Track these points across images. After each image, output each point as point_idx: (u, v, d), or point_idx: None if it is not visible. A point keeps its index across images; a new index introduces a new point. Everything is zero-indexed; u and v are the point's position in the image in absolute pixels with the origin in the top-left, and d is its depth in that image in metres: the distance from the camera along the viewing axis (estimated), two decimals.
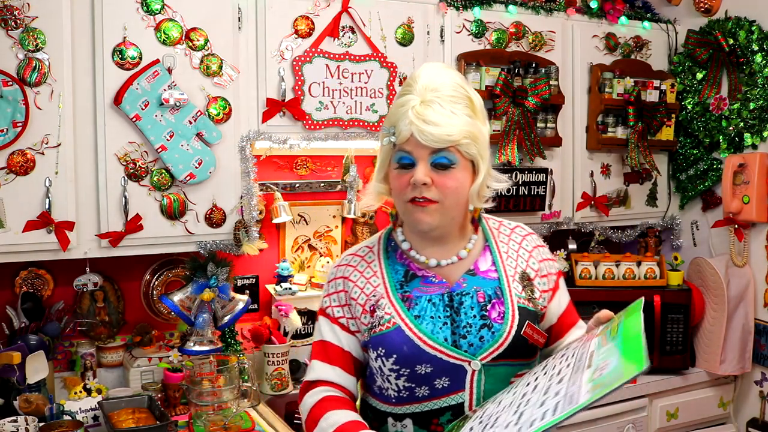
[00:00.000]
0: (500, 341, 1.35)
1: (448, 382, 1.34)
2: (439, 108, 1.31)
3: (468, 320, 1.36)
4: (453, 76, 1.37)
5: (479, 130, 1.37)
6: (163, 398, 2.38)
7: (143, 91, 2.23)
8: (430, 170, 1.33)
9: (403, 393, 1.37)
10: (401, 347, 1.34)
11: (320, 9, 2.51)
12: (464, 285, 1.41)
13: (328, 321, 1.46)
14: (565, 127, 3.03)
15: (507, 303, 1.40)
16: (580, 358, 1.15)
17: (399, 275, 1.43)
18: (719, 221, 3.09)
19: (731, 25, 3.02)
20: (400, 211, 1.42)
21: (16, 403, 2.18)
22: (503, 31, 2.87)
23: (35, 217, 2.13)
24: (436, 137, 1.30)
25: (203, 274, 2.36)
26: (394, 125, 1.35)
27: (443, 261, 1.43)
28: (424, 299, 1.39)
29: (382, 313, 1.38)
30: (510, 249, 1.49)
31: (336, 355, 1.43)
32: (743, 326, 2.96)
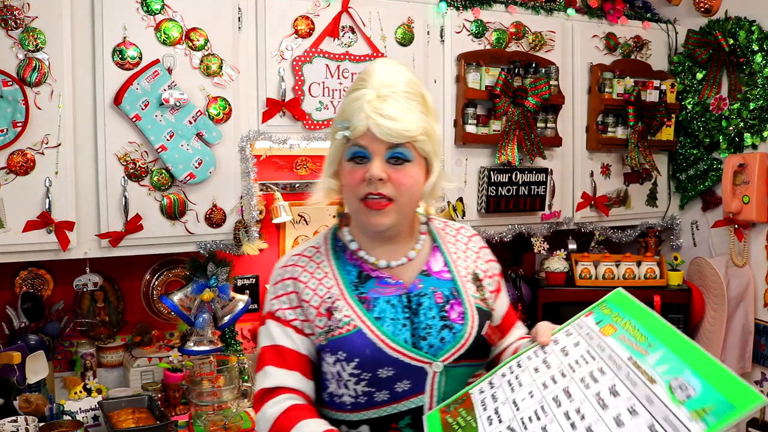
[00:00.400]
0: (462, 342, 1.33)
1: (408, 385, 1.30)
2: (395, 103, 1.28)
3: (428, 321, 1.33)
4: (407, 73, 1.34)
5: (433, 128, 1.35)
6: (163, 398, 2.38)
7: (143, 91, 2.23)
8: (386, 166, 1.29)
9: (360, 399, 1.31)
10: (363, 350, 1.28)
11: (320, 9, 2.51)
12: (421, 286, 1.38)
13: (279, 324, 1.36)
14: (565, 127, 3.04)
15: (465, 303, 1.38)
16: (617, 364, 1.13)
17: (352, 276, 1.38)
18: (719, 221, 3.09)
19: (731, 25, 3.02)
20: (352, 209, 1.38)
21: (16, 403, 2.18)
22: (503, 31, 2.87)
23: (35, 217, 2.13)
24: (393, 132, 1.27)
25: (203, 274, 2.37)
26: (347, 119, 1.30)
27: (393, 262, 1.39)
28: (383, 300, 1.34)
29: (341, 315, 1.31)
30: (458, 250, 1.48)
31: (293, 359, 1.34)
32: (743, 326, 2.96)
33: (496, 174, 2.84)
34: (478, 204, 2.88)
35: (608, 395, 1.10)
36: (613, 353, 1.16)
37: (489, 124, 2.83)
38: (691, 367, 1.05)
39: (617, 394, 1.09)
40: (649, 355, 1.11)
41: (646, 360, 1.10)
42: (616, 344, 1.18)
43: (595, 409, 1.10)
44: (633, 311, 1.25)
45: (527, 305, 3.11)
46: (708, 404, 0.99)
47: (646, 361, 1.10)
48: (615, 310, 1.27)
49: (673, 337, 1.13)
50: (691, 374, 1.04)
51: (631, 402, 1.07)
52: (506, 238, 2.93)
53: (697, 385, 1.02)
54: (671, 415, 1.01)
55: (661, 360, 1.09)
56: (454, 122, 2.80)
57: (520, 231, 2.97)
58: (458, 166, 2.82)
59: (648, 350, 1.12)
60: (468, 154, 2.84)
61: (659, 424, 1.01)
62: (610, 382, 1.12)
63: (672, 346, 1.10)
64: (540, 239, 3.03)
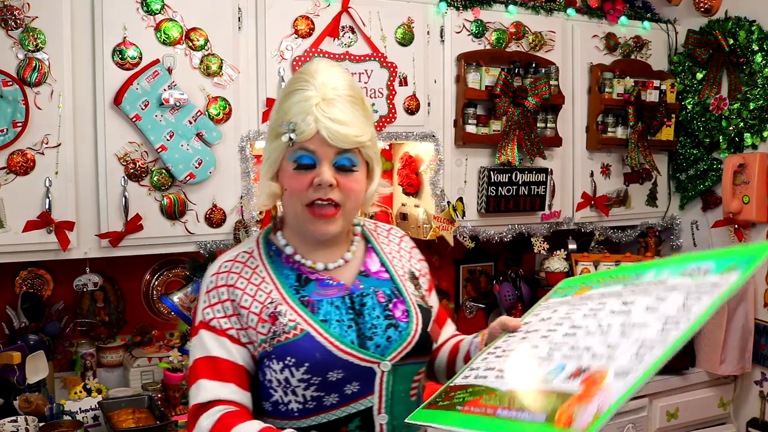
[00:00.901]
0: (408, 339, 1.32)
1: (357, 386, 1.28)
2: (342, 107, 1.25)
3: (372, 321, 1.32)
4: (347, 75, 1.32)
5: (374, 133, 1.34)
6: (163, 398, 2.38)
7: (143, 91, 2.23)
8: (333, 171, 1.27)
9: (309, 404, 1.27)
10: (313, 354, 1.24)
11: (320, 9, 2.51)
12: (362, 286, 1.36)
13: (213, 334, 1.30)
14: (565, 127, 3.04)
15: (407, 301, 1.37)
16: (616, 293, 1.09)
17: (291, 280, 1.34)
18: (719, 221, 3.09)
19: (731, 25, 3.02)
20: (294, 215, 1.34)
21: (16, 403, 2.18)
22: (503, 31, 2.87)
23: (35, 217, 2.13)
24: (345, 137, 1.24)
25: (203, 274, 2.35)
26: (292, 122, 1.25)
27: (330, 264, 1.37)
28: (326, 302, 1.31)
29: (286, 320, 1.27)
30: (392, 250, 1.47)
31: (228, 371, 1.28)
32: (743, 326, 2.95)
33: (496, 174, 2.84)
34: (478, 204, 2.88)
35: (622, 305, 1.07)
36: (605, 292, 1.13)
37: (489, 124, 2.83)
38: (692, 260, 1.03)
39: (632, 302, 1.07)
40: (643, 276, 1.08)
41: (645, 279, 1.08)
42: (601, 290, 1.15)
43: (616, 317, 1.06)
44: (590, 278, 1.24)
45: (527, 305, 3.11)
46: (729, 264, 0.98)
47: (643, 279, 1.07)
48: (572, 284, 1.26)
49: (650, 262, 1.11)
50: (696, 262, 1.03)
51: (652, 296, 1.04)
52: (506, 238, 2.93)
53: (710, 263, 1.01)
54: (703, 283, 0.99)
55: (658, 271, 1.07)
56: (454, 122, 2.80)
57: (520, 231, 2.97)
58: (458, 166, 2.82)
59: (638, 277, 1.09)
60: (468, 154, 2.84)
61: (692, 292, 0.98)
62: (618, 300, 1.09)
63: (657, 265, 1.08)
64: (540, 239, 3.03)
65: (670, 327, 0.96)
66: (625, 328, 1.03)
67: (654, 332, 0.97)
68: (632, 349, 0.97)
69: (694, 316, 0.95)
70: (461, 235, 2.81)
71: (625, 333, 1.02)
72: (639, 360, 0.94)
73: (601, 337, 1.05)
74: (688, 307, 0.97)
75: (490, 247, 3.23)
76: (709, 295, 0.96)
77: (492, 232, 2.89)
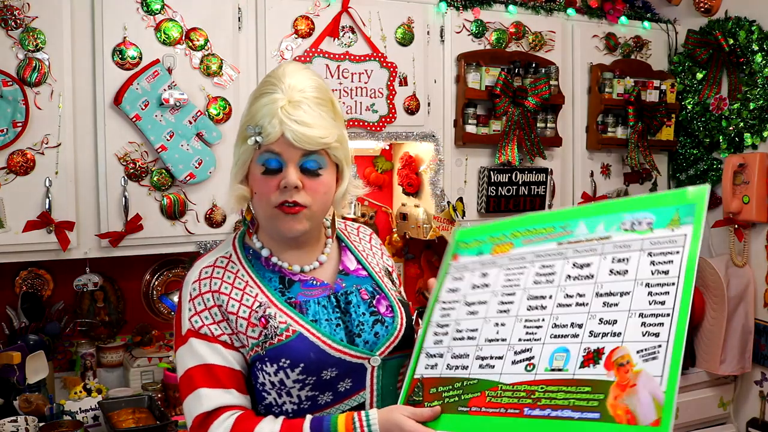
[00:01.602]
0: (395, 334, 1.34)
1: (350, 383, 1.30)
2: (308, 109, 1.25)
3: (359, 318, 1.34)
4: (316, 77, 1.32)
5: (344, 134, 1.34)
6: (163, 398, 2.39)
7: (143, 91, 2.23)
8: (299, 173, 1.28)
9: (304, 404, 1.29)
10: (307, 354, 1.25)
11: (320, 9, 2.51)
12: (344, 285, 1.38)
13: (205, 342, 1.28)
14: (565, 127, 3.04)
15: (389, 297, 1.40)
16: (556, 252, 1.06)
17: (275, 282, 1.35)
18: (719, 221, 3.09)
19: (731, 25, 3.02)
20: (264, 217, 1.34)
21: (16, 403, 2.18)
22: (503, 31, 2.87)
23: (35, 217, 2.13)
24: (310, 139, 1.24)
25: None
26: (259, 125, 1.26)
27: (306, 266, 1.38)
28: (313, 303, 1.32)
29: (276, 322, 1.27)
30: (365, 248, 1.49)
31: (226, 377, 1.27)
32: (743, 326, 2.96)
33: (496, 174, 2.84)
34: (478, 204, 2.88)
35: (579, 270, 1.04)
36: (539, 251, 1.11)
37: (489, 124, 2.83)
38: (622, 210, 1.01)
39: (588, 264, 1.04)
40: (574, 230, 1.06)
41: (578, 234, 1.05)
42: (529, 249, 1.13)
43: (582, 284, 1.03)
44: (489, 230, 1.22)
45: None
46: (672, 215, 0.96)
47: (579, 235, 1.05)
48: (477, 239, 1.24)
49: (565, 211, 1.09)
50: (630, 214, 1.00)
51: (609, 258, 1.01)
52: None
53: (646, 214, 0.99)
54: (654, 239, 0.97)
55: (590, 225, 1.04)
56: (454, 122, 2.80)
57: None
58: (458, 166, 2.82)
59: (568, 231, 1.07)
60: (468, 154, 2.84)
61: (654, 249, 0.96)
62: (567, 263, 1.06)
63: (582, 215, 1.06)
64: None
65: (657, 292, 0.94)
66: (604, 297, 0.99)
67: (643, 301, 0.94)
68: (635, 323, 0.94)
69: (680, 278, 0.92)
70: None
71: (609, 304, 0.98)
72: (654, 335, 0.91)
73: (582, 309, 1.01)
74: (662, 269, 0.95)
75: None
76: (678, 255, 0.94)
77: None
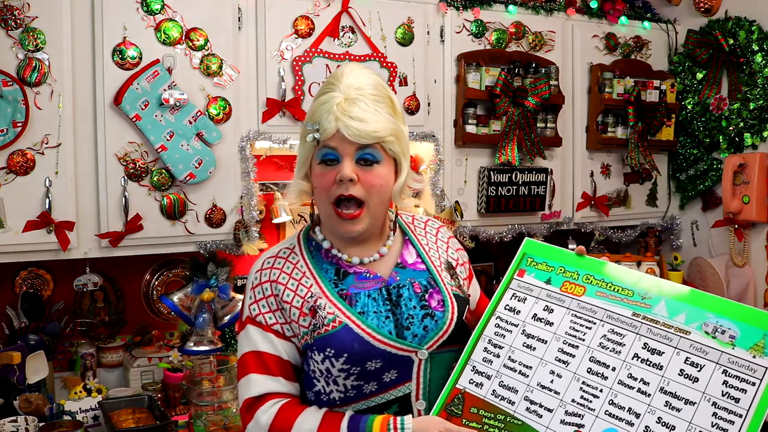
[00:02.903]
0: (444, 328, 1.37)
1: (396, 374, 1.33)
2: (363, 105, 1.31)
3: (409, 311, 1.37)
4: (375, 76, 1.38)
5: (401, 129, 1.38)
6: (163, 398, 2.39)
7: (143, 91, 2.23)
8: (356, 167, 1.33)
9: (350, 392, 1.34)
10: (351, 345, 1.30)
11: (320, 9, 2.51)
12: (398, 278, 1.41)
13: (259, 330, 1.37)
14: (565, 127, 3.04)
15: (443, 291, 1.41)
16: (628, 323, 1.12)
17: (330, 274, 1.40)
18: (719, 221, 3.09)
19: (731, 25, 3.02)
20: (324, 212, 1.40)
21: (16, 403, 2.18)
22: (503, 31, 2.87)
23: (35, 217, 2.13)
24: (362, 133, 1.30)
25: (203, 274, 2.36)
26: (317, 122, 1.33)
27: (366, 258, 1.42)
28: (363, 295, 1.37)
29: (325, 313, 1.33)
30: (429, 241, 1.52)
31: (275, 365, 1.36)
32: None
33: (496, 174, 2.84)
34: (478, 204, 2.88)
35: (649, 354, 1.09)
36: (612, 313, 1.15)
37: (489, 124, 2.83)
38: (708, 309, 1.05)
39: (660, 352, 1.09)
40: (654, 307, 1.10)
41: (656, 313, 1.09)
42: (603, 303, 1.17)
43: (649, 371, 1.08)
44: (561, 258, 1.25)
45: None
46: (758, 339, 1.00)
47: (657, 314, 1.09)
48: (548, 263, 1.27)
49: (654, 283, 1.13)
50: (715, 317, 1.04)
51: (683, 356, 1.06)
52: (506, 238, 2.93)
53: (731, 325, 1.03)
54: (733, 357, 1.01)
55: (672, 309, 1.08)
56: (454, 122, 2.80)
57: (520, 231, 2.97)
58: (458, 166, 2.82)
59: (648, 303, 1.11)
60: (468, 154, 2.84)
61: (731, 369, 1.01)
62: (639, 341, 1.11)
63: (665, 293, 1.10)
64: (540, 239, 3.03)
65: (723, 417, 1.00)
66: (668, 397, 1.05)
67: (706, 419, 1.00)
68: None
69: (749, 413, 0.98)
70: (461, 235, 2.81)
71: (672, 406, 1.04)
72: None
73: (643, 398, 1.06)
74: (733, 394, 1.00)
75: (490, 247, 3.23)
76: (753, 387, 0.99)
77: (492, 232, 2.89)
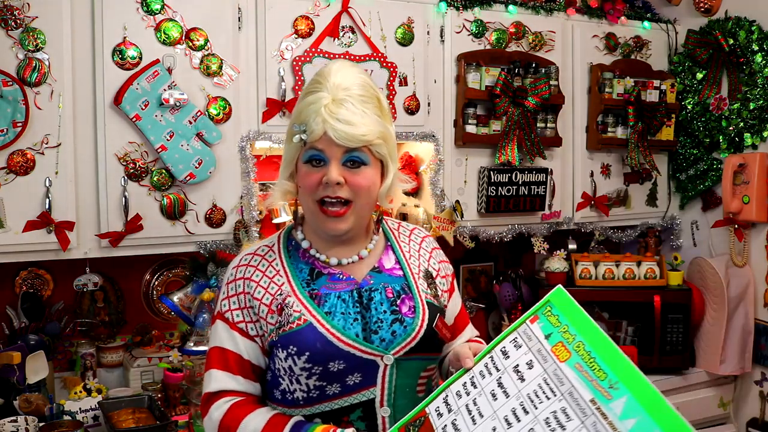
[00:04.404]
0: (413, 335, 1.35)
1: (360, 378, 1.32)
2: (351, 107, 1.30)
3: (379, 315, 1.36)
4: (362, 75, 1.36)
5: (388, 131, 1.38)
6: (163, 398, 2.38)
7: (143, 91, 2.23)
8: (342, 169, 1.32)
9: (312, 393, 1.33)
10: (314, 344, 1.30)
11: (320, 9, 2.51)
12: (372, 282, 1.41)
13: (226, 326, 1.39)
14: (565, 127, 3.04)
15: (416, 298, 1.40)
16: (581, 408, 1.12)
17: (304, 273, 1.40)
18: (719, 221, 3.09)
19: (731, 25, 3.02)
20: (308, 212, 1.39)
21: (16, 403, 2.18)
22: (503, 31, 2.87)
23: (35, 217, 2.13)
24: (350, 136, 1.29)
25: (203, 274, 2.37)
26: (304, 122, 1.32)
27: (344, 260, 1.42)
28: (333, 296, 1.37)
29: (291, 311, 1.34)
30: (411, 249, 1.51)
31: (235, 364, 1.38)
32: (743, 326, 2.96)
33: (496, 174, 2.84)
34: (478, 204, 2.88)
35: None
36: (575, 391, 1.15)
37: (489, 124, 2.83)
38: (662, 427, 1.03)
39: None
40: (614, 401, 1.09)
41: (612, 408, 1.09)
42: (574, 377, 1.16)
43: None
44: (574, 317, 1.24)
45: (527, 305, 3.11)
46: None
47: (612, 410, 1.09)
48: (560, 318, 1.26)
49: (630, 373, 1.11)
50: None
51: None
52: (506, 238, 2.93)
53: None
54: None
55: (627, 410, 1.08)
56: (454, 122, 2.80)
57: (520, 231, 2.97)
58: (458, 166, 2.82)
59: (611, 393, 1.11)
60: (468, 154, 2.84)
61: None
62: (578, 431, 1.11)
63: (633, 390, 1.09)
64: (540, 239, 3.03)
65: None
66: None
67: None
68: None
69: None
70: (461, 235, 2.81)
71: None
72: None
73: None
74: None
75: (490, 247, 3.23)
76: None
77: (492, 232, 2.89)
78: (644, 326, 2.96)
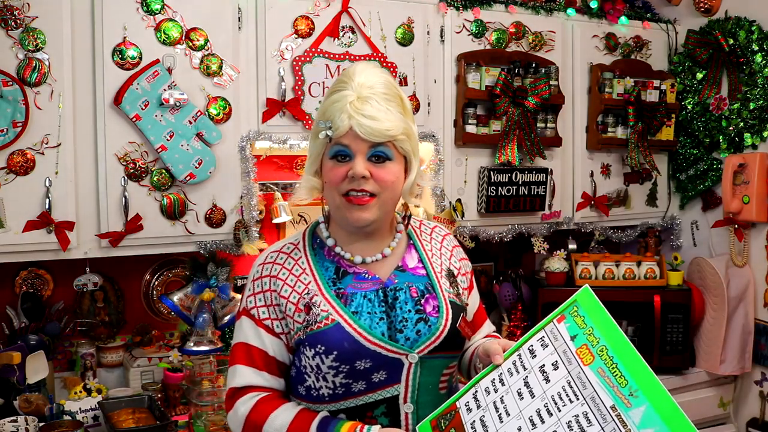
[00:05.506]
0: (437, 334, 1.38)
1: (385, 375, 1.35)
2: (376, 104, 1.33)
3: (404, 314, 1.38)
4: (385, 75, 1.40)
5: (411, 128, 1.41)
6: (163, 398, 2.39)
7: (143, 91, 2.23)
8: (368, 164, 1.35)
9: (338, 390, 1.36)
10: (341, 344, 1.33)
11: (320, 9, 2.51)
12: (396, 281, 1.43)
13: (252, 323, 1.42)
14: (565, 127, 3.04)
15: (439, 297, 1.43)
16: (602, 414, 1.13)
17: (330, 272, 1.43)
18: (719, 221, 3.09)
19: (731, 25, 3.02)
20: (333, 206, 1.42)
21: (16, 403, 2.18)
22: (503, 31, 2.87)
23: (35, 217, 2.13)
24: (375, 131, 1.32)
25: (203, 274, 2.37)
26: (329, 119, 1.35)
27: (368, 258, 1.44)
28: (360, 295, 1.39)
29: (319, 310, 1.36)
30: (433, 248, 1.53)
31: (261, 360, 1.41)
32: (743, 326, 2.96)
33: (496, 174, 2.84)
34: (478, 204, 2.88)
35: None
36: (596, 396, 1.16)
37: (489, 124, 2.83)
38: None
39: None
40: (633, 409, 1.10)
41: (631, 416, 1.10)
42: (597, 382, 1.17)
43: None
44: (599, 320, 1.25)
45: (527, 305, 3.11)
46: None
47: (630, 418, 1.10)
48: (585, 320, 1.27)
49: (650, 382, 1.12)
50: None
51: None
52: (506, 238, 2.93)
53: None
54: None
55: (646, 420, 1.09)
56: (454, 122, 2.80)
57: (520, 231, 2.97)
58: (458, 166, 2.82)
59: (631, 401, 1.12)
60: (468, 154, 2.84)
61: None
62: None
63: (652, 399, 1.10)
64: (540, 239, 3.03)
65: None
66: None
67: None
68: None
69: None
70: (461, 235, 2.81)
71: None
72: None
73: None
74: None
75: (490, 247, 3.23)
76: None
77: (492, 232, 2.89)
78: (644, 326, 2.96)
